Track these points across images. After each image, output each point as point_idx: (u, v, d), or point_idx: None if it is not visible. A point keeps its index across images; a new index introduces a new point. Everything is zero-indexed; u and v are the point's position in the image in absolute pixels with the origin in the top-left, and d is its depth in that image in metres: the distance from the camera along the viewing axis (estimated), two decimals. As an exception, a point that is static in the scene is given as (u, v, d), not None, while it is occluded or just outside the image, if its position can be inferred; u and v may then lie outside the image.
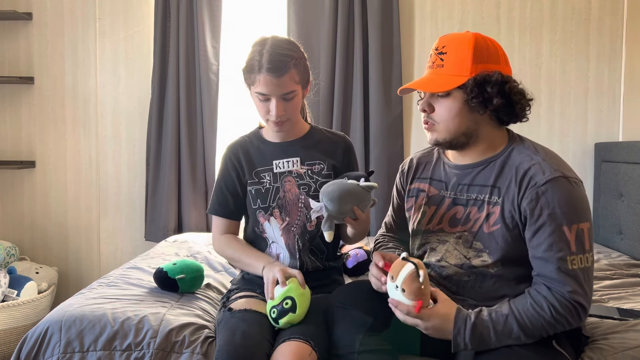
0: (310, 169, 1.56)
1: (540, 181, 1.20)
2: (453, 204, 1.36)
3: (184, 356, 1.38)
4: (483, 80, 1.23)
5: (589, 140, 2.84)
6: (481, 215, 1.30)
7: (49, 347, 1.42)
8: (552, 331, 1.20)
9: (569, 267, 1.17)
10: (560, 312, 1.17)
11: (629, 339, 1.35)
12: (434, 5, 2.87)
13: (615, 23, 2.79)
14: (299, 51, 1.50)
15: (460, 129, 1.28)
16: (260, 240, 1.60)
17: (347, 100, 2.85)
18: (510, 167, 1.27)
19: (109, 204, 3.04)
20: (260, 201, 1.56)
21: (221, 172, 1.63)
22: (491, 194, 1.28)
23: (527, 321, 1.18)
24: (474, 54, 1.25)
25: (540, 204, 1.20)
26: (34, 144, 3.03)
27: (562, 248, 1.18)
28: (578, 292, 1.17)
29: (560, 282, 1.18)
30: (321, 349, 1.29)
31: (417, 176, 1.48)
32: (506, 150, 1.31)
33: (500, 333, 1.18)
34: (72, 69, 2.99)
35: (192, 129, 2.91)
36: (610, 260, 2.28)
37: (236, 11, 2.97)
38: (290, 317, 1.34)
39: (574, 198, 1.20)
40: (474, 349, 1.20)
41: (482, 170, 1.32)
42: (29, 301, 2.50)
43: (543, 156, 1.26)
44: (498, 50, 1.29)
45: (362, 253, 2.09)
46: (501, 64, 1.28)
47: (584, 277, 1.19)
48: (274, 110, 1.45)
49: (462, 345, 1.19)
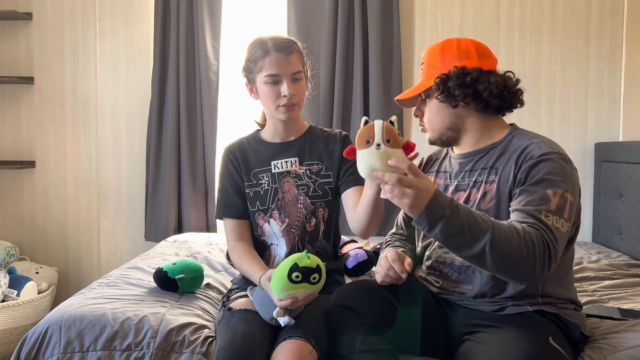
0: (308, 169, 1.56)
1: (536, 154, 1.27)
2: (455, 191, 1.41)
3: (184, 356, 1.38)
4: (446, 77, 1.33)
5: (589, 140, 2.83)
6: (479, 194, 1.34)
7: (49, 347, 1.42)
8: (518, 258, 1.13)
9: (542, 218, 1.19)
10: (532, 242, 1.13)
11: (629, 338, 1.34)
12: (434, 6, 2.87)
13: (615, 23, 2.79)
14: (299, 43, 1.55)
15: (444, 124, 1.39)
16: (259, 244, 1.59)
17: (347, 100, 2.85)
18: (510, 150, 1.33)
19: (109, 204, 3.03)
20: (259, 203, 1.56)
21: (222, 174, 1.61)
22: (489, 174, 1.34)
23: (498, 229, 1.14)
24: (442, 56, 1.38)
25: (532, 172, 1.25)
26: (34, 144, 3.03)
27: (542, 204, 1.21)
28: (552, 240, 1.16)
29: (537, 226, 1.17)
30: (322, 348, 1.29)
31: (426, 171, 1.54)
32: (507, 137, 1.37)
33: (472, 232, 1.13)
34: (72, 69, 2.99)
35: (192, 129, 2.91)
36: (610, 260, 2.28)
37: (236, 11, 2.97)
38: (313, 285, 1.27)
39: (565, 172, 1.25)
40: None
41: (483, 156, 1.38)
42: (29, 301, 2.50)
43: (542, 139, 1.32)
44: (469, 46, 1.37)
45: (362, 253, 2.09)
46: (472, 59, 1.35)
47: (557, 234, 1.18)
48: (286, 90, 1.46)
49: (433, 229, 1.14)
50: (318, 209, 1.54)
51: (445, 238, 1.15)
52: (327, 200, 1.56)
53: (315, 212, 1.54)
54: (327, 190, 1.55)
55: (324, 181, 1.55)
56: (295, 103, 1.49)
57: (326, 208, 1.56)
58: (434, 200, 1.13)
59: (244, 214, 1.59)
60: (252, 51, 1.51)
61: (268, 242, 1.57)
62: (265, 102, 1.53)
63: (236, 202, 1.58)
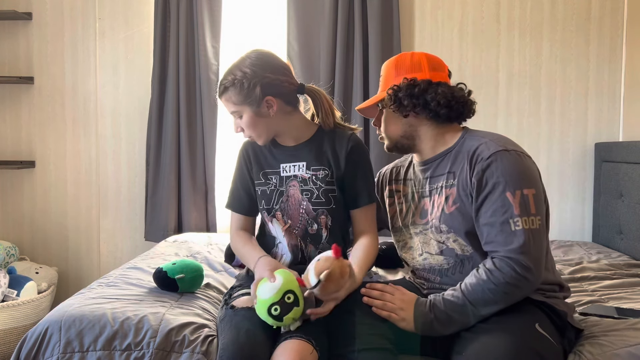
0: (314, 174, 1.54)
1: (486, 155, 1.31)
2: (421, 197, 1.48)
3: (184, 356, 1.38)
4: (397, 88, 1.41)
5: (589, 140, 2.84)
6: (441, 199, 1.39)
7: (49, 347, 1.41)
8: (499, 295, 1.25)
9: (511, 228, 1.24)
10: (494, 272, 1.24)
11: (629, 336, 1.35)
12: (434, 5, 2.87)
13: (615, 23, 2.79)
14: (246, 70, 1.49)
15: (397, 133, 1.46)
16: (270, 238, 1.60)
17: (347, 100, 2.85)
18: (463, 152, 1.38)
19: (109, 204, 3.03)
20: (264, 202, 1.56)
21: (235, 168, 1.66)
22: (447, 179, 1.39)
23: (472, 293, 1.27)
24: (395, 69, 1.46)
25: (485, 175, 1.29)
26: (34, 144, 3.03)
27: (505, 212, 1.26)
28: (517, 251, 1.23)
29: (501, 243, 1.25)
30: (322, 347, 1.29)
31: (393, 178, 1.60)
32: (459, 141, 1.42)
33: (458, 313, 1.28)
34: (72, 69, 2.99)
35: (192, 129, 2.91)
36: (610, 260, 2.28)
37: (236, 11, 2.97)
38: (295, 311, 1.26)
39: (517, 167, 1.29)
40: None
41: (440, 162, 1.43)
42: (29, 301, 2.50)
43: (490, 137, 1.37)
44: (421, 59, 1.44)
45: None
46: (424, 71, 1.42)
47: (528, 236, 1.24)
48: (234, 129, 1.57)
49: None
50: (320, 216, 1.52)
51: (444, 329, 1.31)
52: (329, 208, 1.52)
53: (318, 219, 1.52)
54: (331, 198, 1.53)
55: (328, 188, 1.52)
56: (249, 136, 1.55)
57: (329, 216, 1.52)
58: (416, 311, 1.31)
59: (249, 211, 1.63)
60: None
61: (276, 240, 1.58)
62: None
63: (243, 199, 1.62)
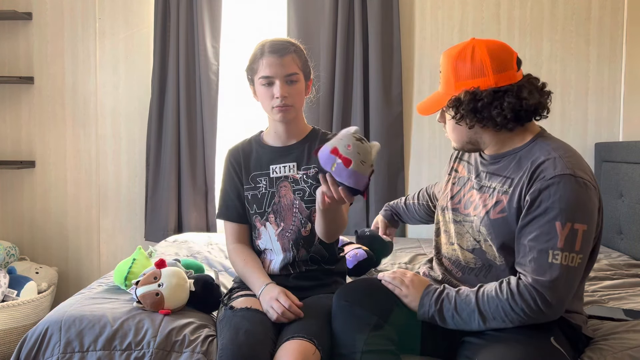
0: (305, 173, 1.55)
1: (549, 175, 1.20)
2: (472, 188, 1.41)
3: (184, 355, 1.38)
4: (458, 101, 1.29)
5: (589, 140, 2.83)
6: (491, 202, 1.32)
7: (49, 347, 1.41)
8: (511, 318, 1.20)
9: (549, 259, 1.17)
10: (515, 296, 1.19)
11: (629, 339, 1.35)
12: (434, 5, 2.87)
13: (615, 23, 2.79)
14: (299, 45, 1.56)
15: (462, 139, 1.37)
16: (259, 245, 1.59)
17: (347, 100, 2.85)
18: (527, 159, 1.28)
19: (109, 203, 3.03)
20: (256, 206, 1.56)
21: (224, 176, 1.63)
22: (504, 183, 1.31)
23: (486, 304, 1.22)
24: (455, 72, 1.30)
25: (541, 196, 1.20)
26: (33, 144, 3.02)
27: (549, 240, 1.18)
28: (545, 284, 1.17)
29: (533, 270, 1.19)
30: (325, 347, 1.29)
31: (459, 157, 1.54)
32: (529, 144, 1.31)
33: (463, 316, 1.25)
34: (72, 69, 2.99)
35: (192, 129, 2.91)
36: (610, 260, 2.28)
37: (236, 11, 2.97)
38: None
39: (577, 198, 1.18)
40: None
41: (503, 161, 1.34)
42: (29, 301, 2.50)
43: (561, 153, 1.25)
44: (484, 61, 1.27)
45: (362, 253, 2.08)
46: (487, 76, 1.27)
47: (562, 274, 1.17)
48: (277, 92, 1.47)
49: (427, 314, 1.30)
50: (313, 213, 1.53)
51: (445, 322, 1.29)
52: None
53: (311, 217, 1.53)
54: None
55: (320, 185, 1.53)
56: (290, 105, 1.49)
57: None
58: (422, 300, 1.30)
59: (244, 218, 1.60)
60: (253, 53, 1.54)
61: (262, 247, 1.58)
62: (262, 104, 1.55)
63: (237, 206, 1.60)
